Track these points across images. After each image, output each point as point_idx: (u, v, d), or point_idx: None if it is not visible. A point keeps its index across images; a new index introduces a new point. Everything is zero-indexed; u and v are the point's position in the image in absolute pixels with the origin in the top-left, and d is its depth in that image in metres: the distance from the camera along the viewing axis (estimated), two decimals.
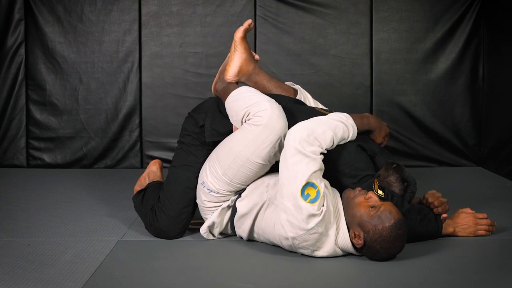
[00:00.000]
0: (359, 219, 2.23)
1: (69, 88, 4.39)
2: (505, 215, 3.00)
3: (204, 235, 2.55)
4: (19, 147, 4.41)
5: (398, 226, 2.19)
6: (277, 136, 2.36)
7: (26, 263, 2.28)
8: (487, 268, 2.25)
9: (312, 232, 2.21)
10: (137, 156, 4.42)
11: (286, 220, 2.24)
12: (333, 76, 4.40)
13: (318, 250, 2.28)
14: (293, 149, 2.24)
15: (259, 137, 2.36)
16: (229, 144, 2.45)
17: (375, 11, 4.38)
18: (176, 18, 4.38)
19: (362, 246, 2.23)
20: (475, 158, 4.44)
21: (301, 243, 2.25)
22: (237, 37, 2.64)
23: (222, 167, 2.44)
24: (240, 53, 2.63)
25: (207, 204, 2.54)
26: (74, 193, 3.53)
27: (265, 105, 2.38)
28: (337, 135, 2.35)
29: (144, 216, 2.67)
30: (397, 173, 2.55)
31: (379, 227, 2.18)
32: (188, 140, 2.62)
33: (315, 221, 2.19)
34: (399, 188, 2.54)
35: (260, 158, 2.39)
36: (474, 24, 4.36)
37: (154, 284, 2.10)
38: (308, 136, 2.25)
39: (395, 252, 2.25)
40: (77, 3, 4.35)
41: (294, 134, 2.27)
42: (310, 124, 2.31)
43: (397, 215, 2.20)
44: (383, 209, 2.21)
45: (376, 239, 2.19)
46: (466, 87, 4.41)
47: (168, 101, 4.39)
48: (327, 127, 2.32)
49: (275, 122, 2.35)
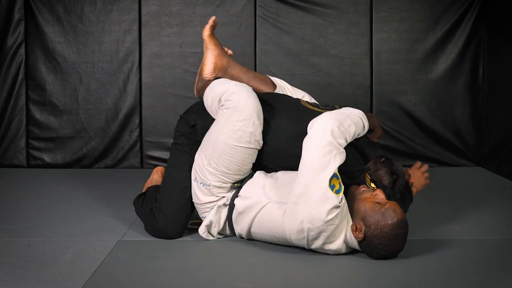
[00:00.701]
0: (362, 213, 2.26)
1: (69, 88, 4.40)
2: (505, 215, 3.00)
3: (203, 235, 2.55)
4: (19, 147, 4.41)
5: (400, 226, 2.21)
6: (249, 116, 2.40)
7: (26, 263, 2.28)
8: (487, 268, 2.25)
9: (330, 224, 2.22)
10: (137, 156, 4.43)
11: (307, 212, 2.23)
12: (333, 76, 4.40)
13: (330, 244, 2.29)
14: (324, 140, 2.25)
15: (231, 119, 2.41)
16: (208, 134, 2.51)
17: (375, 11, 4.38)
18: (176, 18, 4.38)
19: (362, 239, 2.24)
20: (475, 158, 4.44)
21: (316, 234, 2.25)
22: (205, 36, 2.69)
23: (206, 157, 2.48)
24: (212, 50, 2.68)
25: (203, 199, 2.54)
26: (74, 193, 3.53)
27: (233, 89, 2.45)
28: (357, 130, 2.41)
29: (144, 218, 2.68)
30: (386, 167, 2.55)
31: (381, 223, 2.20)
32: (181, 140, 2.66)
33: (335, 213, 2.21)
34: (388, 181, 2.54)
35: (236, 140, 2.42)
36: (474, 24, 4.36)
37: (154, 284, 2.10)
38: (338, 128, 2.29)
39: (393, 251, 2.26)
40: (77, 3, 4.35)
41: (324, 125, 2.29)
42: (339, 117, 2.35)
43: (401, 214, 2.23)
44: (388, 206, 2.24)
45: (376, 235, 2.21)
46: (466, 87, 4.41)
47: (168, 101, 4.39)
48: (351, 121, 2.38)
49: (244, 103, 2.41)
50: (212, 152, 2.46)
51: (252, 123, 2.41)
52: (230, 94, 2.44)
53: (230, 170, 2.48)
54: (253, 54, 4.39)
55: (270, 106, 2.56)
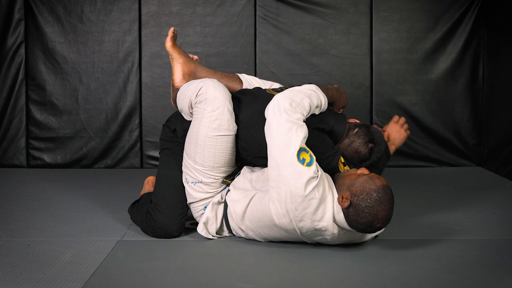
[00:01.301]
0: (348, 183, 2.30)
1: (69, 88, 4.40)
2: (505, 215, 3.00)
3: (202, 233, 2.57)
4: (19, 147, 4.41)
5: (385, 190, 2.25)
6: (222, 103, 2.50)
7: (26, 263, 2.28)
8: (487, 268, 2.25)
9: (310, 198, 2.24)
10: (137, 156, 4.43)
11: (285, 192, 2.26)
12: (333, 76, 4.40)
13: (319, 221, 2.29)
14: (281, 119, 2.30)
15: (206, 111, 2.50)
16: (189, 133, 2.58)
17: (375, 11, 4.38)
18: (176, 18, 4.38)
19: (348, 206, 2.25)
20: (475, 158, 4.44)
21: (301, 212, 2.26)
22: (167, 47, 2.77)
23: (191, 157, 2.55)
24: (177, 59, 2.77)
25: (197, 196, 2.57)
26: (74, 193, 3.53)
27: (199, 84, 2.55)
28: (312, 102, 2.44)
29: (141, 222, 2.69)
30: (360, 138, 2.55)
31: (366, 186, 2.24)
32: (167, 145, 2.73)
33: (312, 185, 2.24)
34: (365, 152, 2.55)
35: (216, 130, 2.49)
36: (474, 24, 4.36)
37: (154, 284, 2.10)
38: (290, 104, 2.34)
39: (379, 216, 2.24)
40: (77, 3, 4.35)
41: (277, 105, 2.35)
42: (289, 94, 2.40)
43: (385, 182, 2.28)
44: (372, 175, 2.30)
45: (363, 198, 2.23)
46: (466, 87, 4.41)
47: (168, 101, 4.38)
48: (303, 95, 2.42)
49: (214, 92, 2.50)
50: (195, 149, 2.52)
51: (227, 110, 2.51)
52: (198, 90, 2.53)
53: (216, 163, 2.53)
54: (253, 54, 4.39)
55: (238, 101, 2.63)
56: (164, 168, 2.69)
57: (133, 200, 3.00)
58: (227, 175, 2.59)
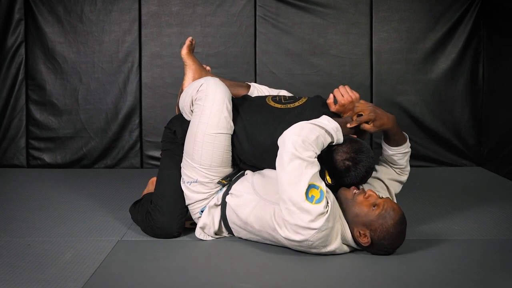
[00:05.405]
0: (364, 219, 2.27)
1: (69, 88, 4.40)
2: (505, 215, 3.00)
3: (201, 237, 2.58)
4: (19, 147, 4.41)
5: (402, 222, 2.28)
6: (221, 101, 2.51)
7: (26, 263, 2.28)
8: (487, 268, 2.25)
9: (324, 229, 2.23)
10: (137, 156, 4.43)
11: (293, 224, 2.24)
12: (333, 76, 4.39)
13: (330, 245, 2.30)
14: (290, 155, 2.24)
15: (205, 107, 2.51)
16: (189, 131, 2.59)
17: (375, 11, 4.39)
18: (176, 18, 4.38)
19: (370, 244, 2.28)
20: (475, 158, 4.44)
21: (314, 242, 2.26)
22: (183, 54, 2.85)
23: (189, 155, 2.55)
24: (190, 65, 2.85)
25: (193, 197, 2.57)
26: (74, 193, 3.53)
27: (201, 81, 2.58)
28: (326, 140, 2.33)
29: (141, 222, 2.69)
30: (338, 154, 2.38)
31: (385, 225, 2.25)
32: (168, 146, 2.75)
33: (323, 219, 2.21)
34: (341, 170, 2.38)
35: (214, 127, 2.50)
36: (474, 24, 4.36)
37: (154, 284, 2.10)
38: (303, 142, 2.26)
39: (397, 246, 2.32)
40: (77, 3, 4.35)
41: (288, 139, 2.27)
42: (303, 131, 2.29)
43: (399, 210, 2.29)
44: (386, 206, 2.27)
45: (384, 237, 2.25)
46: (466, 87, 4.41)
47: (168, 101, 4.39)
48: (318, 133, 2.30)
49: (214, 89, 2.52)
50: (193, 146, 2.53)
51: (225, 107, 2.51)
52: (199, 87, 2.56)
53: (213, 161, 2.53)
54: (253, 54, 4.39)
55: (235, 107, 2.62)
56: (164, 169, 2.70)
57: (133, 200, 3.00)
58: (223, 175, 2.58)
